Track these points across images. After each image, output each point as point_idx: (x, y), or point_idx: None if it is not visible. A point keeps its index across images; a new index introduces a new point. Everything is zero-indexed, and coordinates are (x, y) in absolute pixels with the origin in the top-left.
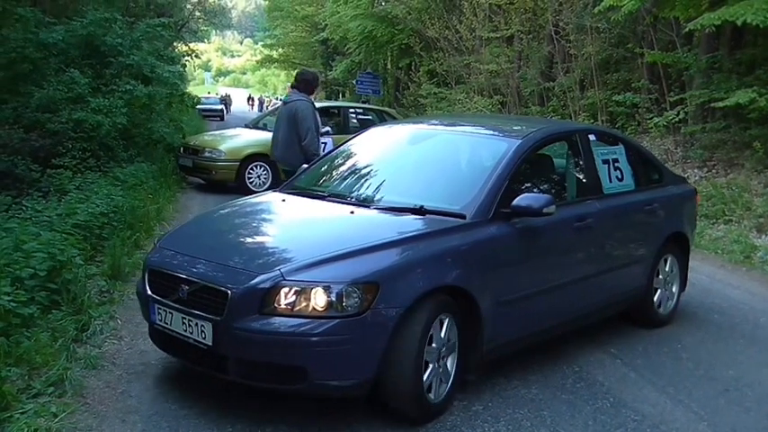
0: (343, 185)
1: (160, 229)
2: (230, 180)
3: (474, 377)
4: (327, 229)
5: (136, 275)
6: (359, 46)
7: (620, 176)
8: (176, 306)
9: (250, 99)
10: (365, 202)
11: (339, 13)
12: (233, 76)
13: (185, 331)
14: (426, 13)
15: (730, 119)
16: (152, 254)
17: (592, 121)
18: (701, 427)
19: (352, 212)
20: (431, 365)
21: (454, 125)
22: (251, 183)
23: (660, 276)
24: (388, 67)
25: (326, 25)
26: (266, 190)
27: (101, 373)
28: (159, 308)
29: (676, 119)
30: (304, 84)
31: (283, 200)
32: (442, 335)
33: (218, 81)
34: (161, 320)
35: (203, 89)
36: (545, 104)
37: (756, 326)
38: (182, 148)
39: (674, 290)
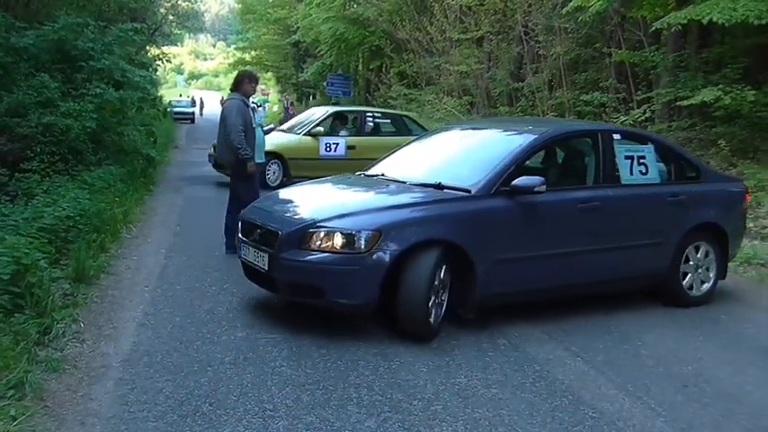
0: (393, 168)
1: (126, 232)
2: None
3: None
4: (363, 197)
5: (100, 278)
6: (330, 48)
7: (643, 171)
8: (252, 244)
9: (222, 101)
10: (403, 179)
11: (311, 15)
12: (206, 78)
13: (255, 261)
14: (397, 15)
15: (696, 117)
16: (245, 210)
17: None
18: (659, 424)
19: (388, 186)
20: (432, 299)
21: (494, 126)
22: (267, 178)
23: (691, 261)
24: (359, 68)
25: (298, 28)
26: (278, 184)
27: (62, 376)
28: (244, 246)
29: (643, 117)
30: (235, 84)
31: (349, 178)
32: (442, 276)
33: (190, 84)
34: (244, 255)
35: (176, 92)
36: (514, 105)
37: (716, 323)
38: (212, 147)
39: (710, 275)
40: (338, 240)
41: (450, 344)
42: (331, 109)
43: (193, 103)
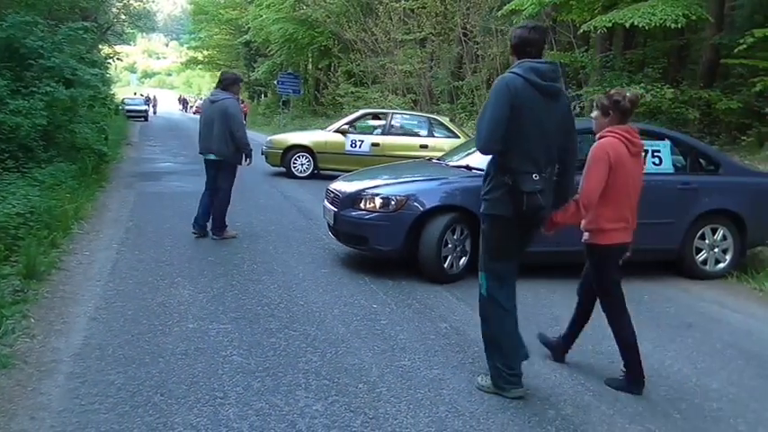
0: (447, 156)
1: (78, 228)
2: (277, 164)
3: None
4: (408, 173)
5: (52, 274)
6: (280, 48)
7: (657, 162)
8: (329, 206)
9: (181, 100)
10: (447, 163)
11: (261, 16)
12: (159, 77)
13: (329, 219)
14: (344, 17)
15: None
16: (334, 182)
17: None
18: (587, 398)
19: (432, 167)
20: (449, 252)
21: None
22: (295, 169)
23: (707, 241)
24: (309, 67)
25: (249, 28)
26: (308, 175)
27: (11, 371)
28: (325, 208)
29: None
30: (228, 84)
31: (411, 162)
32: (456, 235)
33: (143, 82)
34: (325, 215)
35: (129, 90)
36: (454, 102)
37: (640, 303)
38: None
39: (726, 255)
40: (377, 202)
41: (394, 329)
42: (363, 110)
43: (147, 101)
